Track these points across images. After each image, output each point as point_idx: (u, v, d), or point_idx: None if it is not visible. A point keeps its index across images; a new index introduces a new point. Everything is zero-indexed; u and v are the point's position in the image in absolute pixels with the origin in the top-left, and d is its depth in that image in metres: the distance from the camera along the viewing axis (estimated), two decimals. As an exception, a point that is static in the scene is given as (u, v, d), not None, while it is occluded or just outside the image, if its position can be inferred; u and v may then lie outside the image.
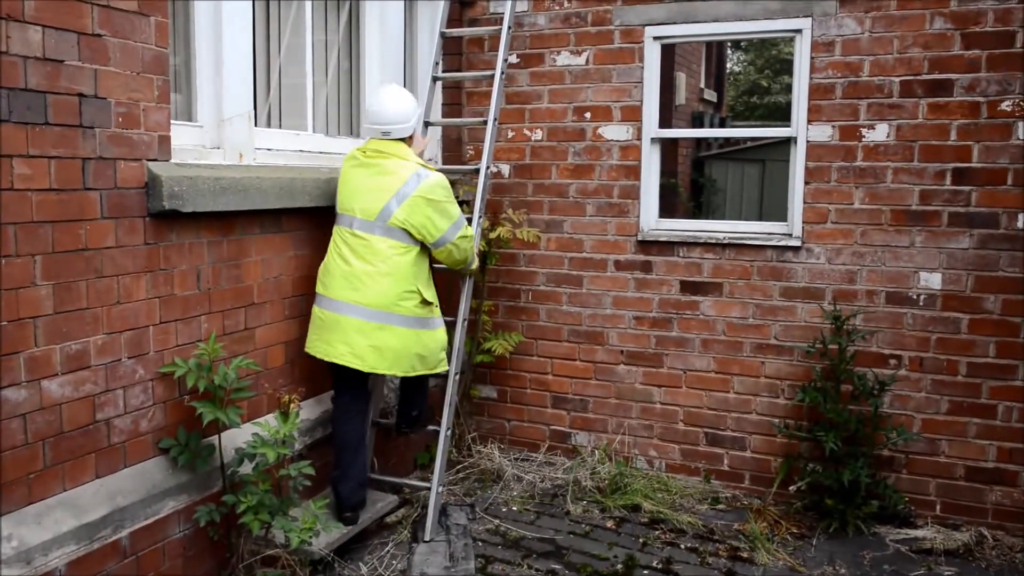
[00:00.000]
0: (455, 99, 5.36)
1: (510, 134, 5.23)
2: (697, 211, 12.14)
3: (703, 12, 4.73)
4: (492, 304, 5.28)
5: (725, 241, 4.78)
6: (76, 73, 2.77)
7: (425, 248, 3.87)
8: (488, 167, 4.62)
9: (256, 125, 3.86)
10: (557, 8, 5.07)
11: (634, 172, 4.97)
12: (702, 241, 4.83)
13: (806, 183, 4.60)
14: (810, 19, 4.51)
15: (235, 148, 3.66)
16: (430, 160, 5.06)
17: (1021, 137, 4.23)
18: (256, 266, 3.67)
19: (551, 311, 5.24)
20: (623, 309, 5.05)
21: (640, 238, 4.97)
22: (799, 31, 4.54)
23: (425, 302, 3.85)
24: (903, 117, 4.40)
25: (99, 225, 2.90)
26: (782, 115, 4.71)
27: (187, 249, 3.27)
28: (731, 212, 12.22)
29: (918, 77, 4.36)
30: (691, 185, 12.52)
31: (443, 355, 4.02)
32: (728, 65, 19.33)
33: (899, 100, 4.40)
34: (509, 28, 4.77)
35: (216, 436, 3.32)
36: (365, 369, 3.78)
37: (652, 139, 4.93)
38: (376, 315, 3.71)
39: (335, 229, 3.85)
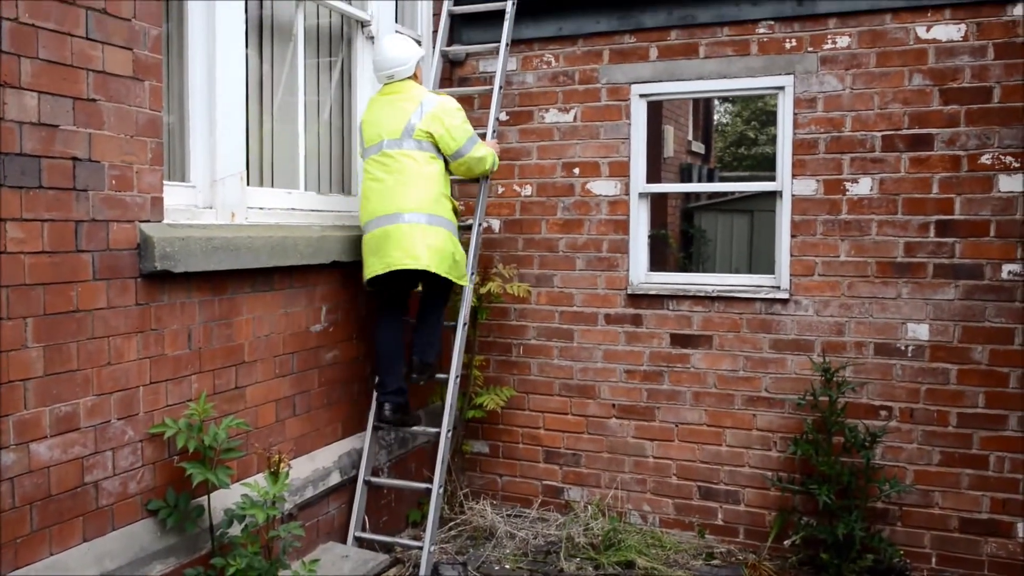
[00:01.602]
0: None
1: (500, 189, 5.30)
2: (687, 262, 12.22)
3: (688, 70, 4.83)
4: (483, 359, 5.29)
5: (714, 294, 4.82)
6: (71, 137, 2.81)
7: (447, 164, 4.28)
8: (481, 223, 4.68)
9: (248, 184, 3.91)
10: (545, 67, 5.17)
11: (623, 226, 5.02)
12: (691, 294, 4.87)
13: (792, 236, 4.66)
14: (792, 76, 4.62)
15: (227, 208, 3.70)
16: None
17: (1002, 189, 4.30)
18: (247, 324, 3.68)
19: (543, 365, 5.25)
20: (614, 362, 5.07)
21: (630, 292, 5.00)
22: (782, 88, 4.64)
23: (454, 209, 4.31)
24: (886, 171, 4.48)
25: (91, 286, 2.91)
26: (769, 165, 4.78)
27: (178, 309, 3.28)
28: (721, 263, 12.29)
29: (899, 132, 4.46)
30: (681, 236, 12.62)
31: (465, 270, 4.39)
32: (715, 117, 19.64)
33: (881, 154, 4.49)
34: (500, 88, 4.87)
35: (205, 497, 3.29)
36: (421, 267, 4.04)
37: (640, 194, 5.00)
38: (420, 216, 4.07)
39: (365, 163, 4.26)
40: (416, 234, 4.05)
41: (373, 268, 4.12)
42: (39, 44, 2.68)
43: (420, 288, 4.47)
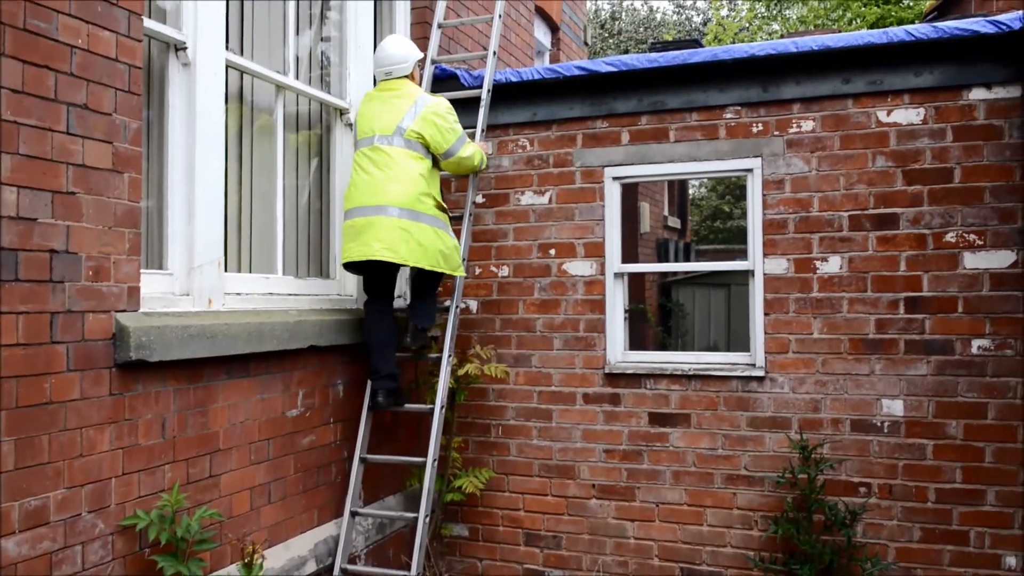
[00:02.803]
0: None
1: (477, 271, 5.35)
2: (666, 336, 12.29)
3: (659, 154, 4.96)
4: (462, 440, 5.26)
5: (691, 372, 4.85)
6: (49, 230, 2.84)
7: (436, 162, 4.49)
8: (457, 305, 4.71)
9: (226, 270, 3.94)
10: (520, 151, 5.29)
11: (599, 306, 5.08)
12: (668, 372, 4.90)
13: (766, 314, 4.72)
14: (760, 159, 4.75)
15: (204, 294, 3.72)
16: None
17: (967, 266, 4.41)
18: (222, 412, 3.66)
19: (522, 445, 5.22)
20: (593, 442, 5.05)
21: (608, 371, 5.03)
22: (750, 170, 4.77)
23: (440, 206, 4.43)
24: (854, 249, 4.58)
25: (65, 378, 2.90)
26: (744, 238, 4.88)
27: (153, 398, 3.27)
28: (700, 337, 12.38)
29: (865, 212, 4.57)
30: (659, 310, 12.73)
31: (459, 260, 4.57)
32: (691, 191, 20.01)
33: (849, 233, 4.60)
34: (476, 174, 4.97)
35: (177, 591, 3.22)
36: (398, 261, 4.22)
37: (615, 274, 5.07)
38: (403, 212, 4.24)
39: (355, 154, 4.45)
40: (396, 229, 4.21)
41: (350, 254, 4.29)
42: (20, 140, 2.73)
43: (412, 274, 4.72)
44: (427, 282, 4.64)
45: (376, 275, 4.44)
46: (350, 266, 4.40)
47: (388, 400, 4.48)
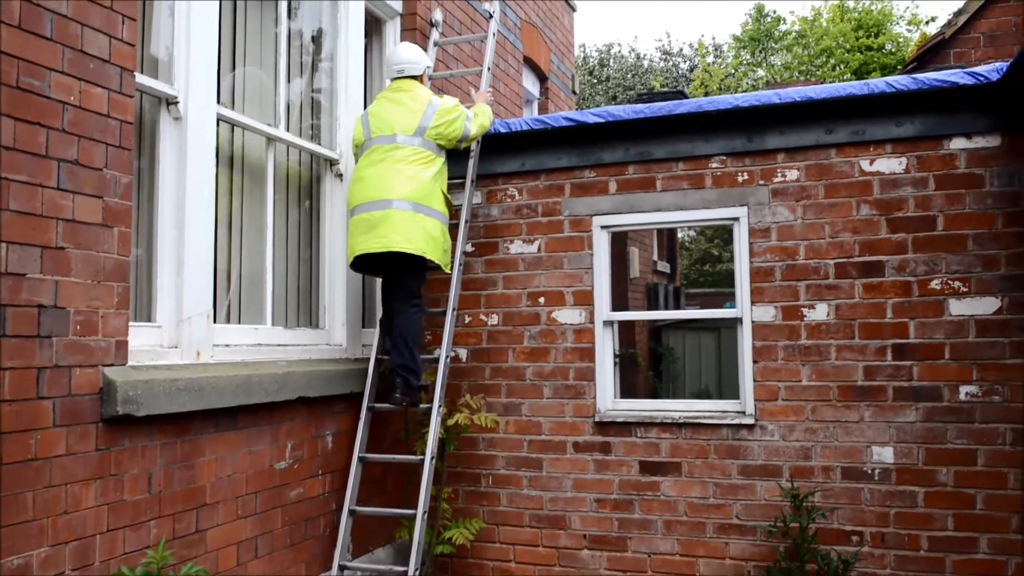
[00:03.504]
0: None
1: (467, 319, 5.36)
2: (657, 381, 12.28)
3: (646, 203, 5.01)
4: (452, 490, 5.21)
5: (681, 420, 4.85)
6: (37, 285, 2.84)
7: (445, 163, 4.72)
8: (448, 355, 4.71)
9: (215, 321, 3.94)
10: (509, 200, 5.34)
11: (589, 354, 5.08)
12: (658, 421, 4.89)
13: (755, 362, 4.73)
14: (746, 208, 4.80)
15: (193, 346, 3.71)
16: None
17: (953, 313, 4.44)
18: (210, 465, 3.63)
19: (512, 495, 5.18)
20: (584, 492, 5.02)
21: (598, 419, 5.01)
22: (737, 219, 4.82)
23: (447, 202, 4.67)
24: (840, 297, 4.62)
25: (51, 433, 2.88)
26: (733, 282, 4.91)
27: (139, 453, 3.24)
28: (691, 381, 12.37)
29: (851, 259, 4.62)
30: (650, 354, 12.73)
31: (450, 259, 4.76)
32: (680, 236, 20.16)
33: (835, 281, 4.63)
34: (467, 222, 5.02)
35: (161, 650, 3.17)
36: (417, 252, 4.38)
37: (605, 322, 5.09)
38: (418, 207, 4.43)
39: (367, 152, 4.58)
40: (412, 222, 4.39)
41: (364, 246, 4.40)
42: (10, 196, 2.75)
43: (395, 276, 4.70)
44: (411, 282, 4.63)
45: (389, 270, 4.59)
46: (361, 262, 4.50)
47: (404, 397, 4.55)
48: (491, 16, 5.81)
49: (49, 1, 2.91)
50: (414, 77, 4.77)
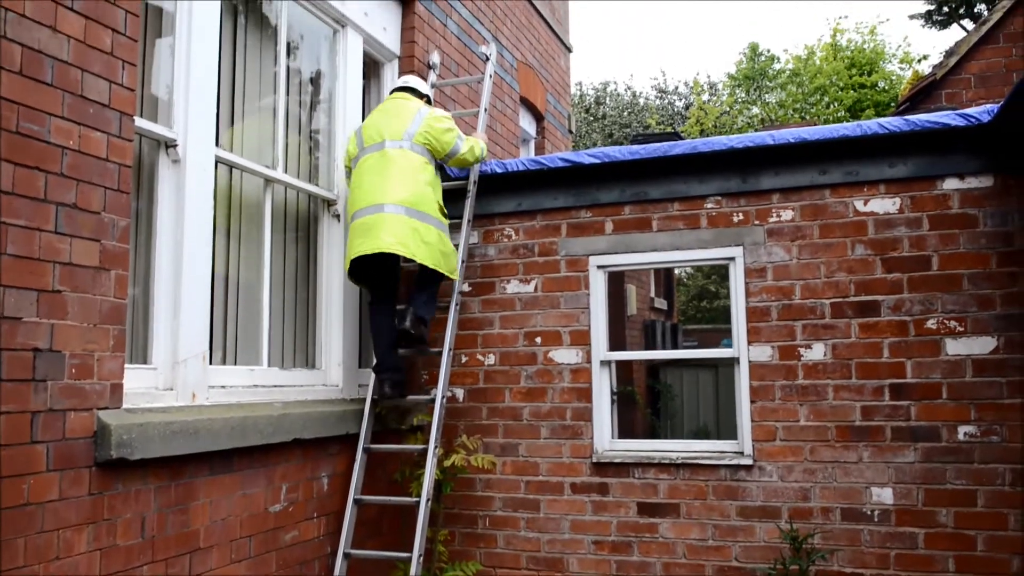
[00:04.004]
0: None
1: (464, 359, 5.35)
2: (655, 418, 12.24)
3: (642, 243, 5.03)
4: (448, 532, 5.17)
5: (679, 461, 4.82)
6: (33, 329, 2.84)
7: (439, 169, 4.80)
8: (444, 395, 4.70)
9: (211, 362, 3.93)
10: (506, 240, 5.36)
11: (586, 394, 5.07)
12: (656, 461, 4.86)
13: (752, 402, 4.72)
14: (741, 248, 4.82)
15: (188, 388, 3.70)
16: None
17: (949, 353, 4.44)
18: (204, 509, 3.60)
19: (509, 537, 5.14)
20: (582, 533, 4.98)
21: (595, 460, 4.99)
22: (732, 259, 4.84)
23: (442, 211, 4.73)
24: (837, 336, 4.62)
25: (44, 478, 2.86)
26: (730, 318, 4.92)
27: (133, 497, 3.21)
28: (689, 419, 12.32)
29: (847, 299, 4.63)
30: (648, 391, 12.70)
31: (455, 264, 4.84)
32: (677, 272, 20.21)
33: (832, 320, 4.64)
34: (463, 262, 5.03)
35: None
36: (407, 255, 4.45)
37: (601, 362, 5.08)
38: (411, 211, 4.50)
39: (360, 162, 4.68)
40: (406, 226, 4.46)
41: (359, 248, 4.46)
42: (8, 240, 2.76)
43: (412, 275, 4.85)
44: (427, 281, 4.77)
45: (380, 274, 4.66)
46: (355, 266, 4.57)
47: (394, 391, 4.64)
48: (488, 58, 5.88)
49: (51, 47, 2.95)
50: (415, 92, 4.93)
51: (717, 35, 56.57)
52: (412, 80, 5.01)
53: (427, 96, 5.05)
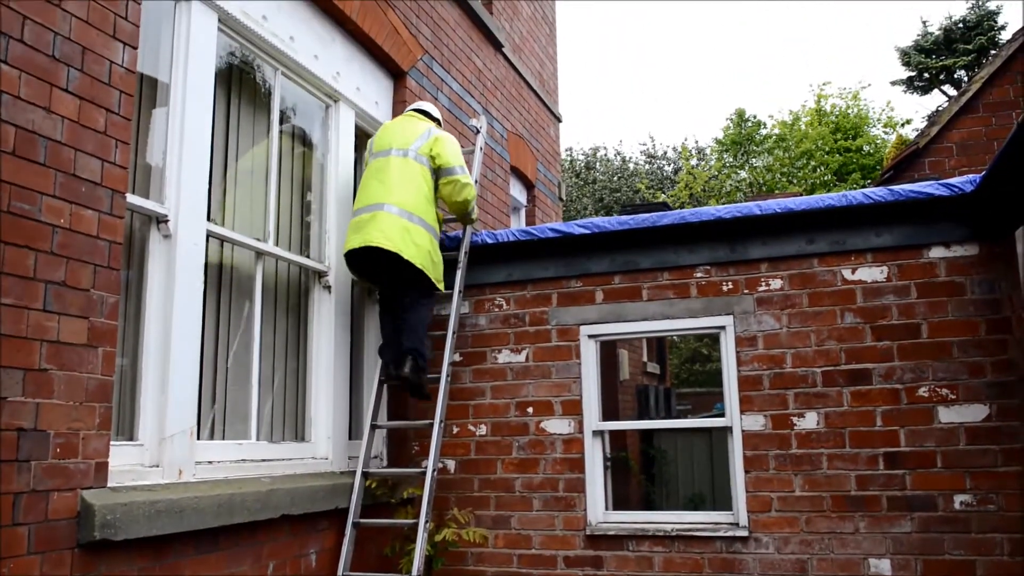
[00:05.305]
0: (401, 398, 5.45)
1: (455, 429, 5.30)
2: (650, 485, 12.11)
3: (632, 312, 5.05)
4: (440, 609, 5.05)
5: (673, 533, 4.75)
6: (19, 408, 2.80)
7: (435, 190, 4.97)
8: (435, 467, 4.64)
9: (198, 437, 3.88)
10: (497, 310, 5.36)
11: (578, 465, 5.02)
12: (651, 534, 4.79)
13: (746, 472, 4.68)
14: (731, 316, 4.84)
15: (175, 465, 3.65)
16: None
17: (942, 420, 4.43)
18: (189, 590, 3.51)
19: (502, 613, 5.02)
20: (576, 609, 4.87)
21: (589, 532, 4.91)
22: (723, 328, 4.85)
23: (439, 222, 4.97)
24: (829, 405, 4.60)
25: (24, 561, 2.79)
26: (722, 382, 4.90)
27: (116, 579, 3.14)
28: (684, 485, 12.19)
29: (838, 367, 4.63)
30: (641, 456, 12.59)
31: (441, 273, 4.94)
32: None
33: (823, 389, 4.63)
34: (454, 333, 5.02)
35: None
36: (393, 250, 4.56)
37: (594, 432, 5.04)
38: (406, 214, 4.71)
39: (370, 165, 4.95)
40: (397, 225, 4.64)
41: (350, 243, 4.71)
42: (-5, 320, 2.74)
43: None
44: (416, 296, 4.85)
45: (381, 270, 4.80)
46: (351, 262, 4.79)
47: (413, 374, 4.74)
48: (478, 131, 5.97)
49: (44, 127, 2.98)
50: (428, 115, 5.21)
51: (704, 102, 57.72)
52: (426, 105, 5.31)
53: (438, 120, 5.31)
